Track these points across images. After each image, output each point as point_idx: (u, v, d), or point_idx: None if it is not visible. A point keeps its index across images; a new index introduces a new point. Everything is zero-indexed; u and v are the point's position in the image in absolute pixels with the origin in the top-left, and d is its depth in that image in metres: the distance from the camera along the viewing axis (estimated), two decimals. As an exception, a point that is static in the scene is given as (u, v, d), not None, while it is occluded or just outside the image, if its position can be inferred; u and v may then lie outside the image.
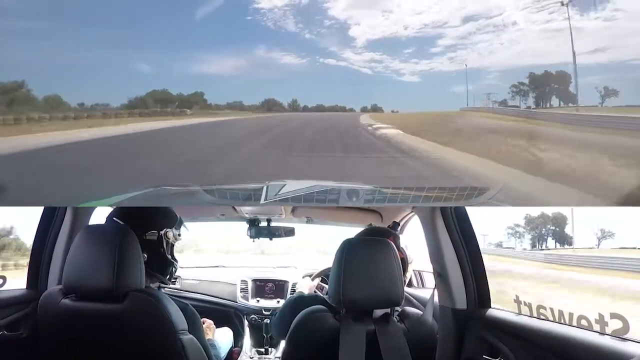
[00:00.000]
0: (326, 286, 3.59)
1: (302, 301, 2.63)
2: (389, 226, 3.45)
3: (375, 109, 27.88)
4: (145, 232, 2.44)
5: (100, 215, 2.99)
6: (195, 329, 2.34)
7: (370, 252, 2.32)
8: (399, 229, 3.60)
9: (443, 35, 27.89)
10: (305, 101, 27.87)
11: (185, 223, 2.73)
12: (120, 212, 2.46)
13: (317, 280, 3.64)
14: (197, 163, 9.26)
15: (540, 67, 26.63)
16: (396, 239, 2.79)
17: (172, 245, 2.56)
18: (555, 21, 24.24)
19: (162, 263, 2.50)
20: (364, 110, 27.77)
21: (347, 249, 2.32)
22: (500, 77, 27.42)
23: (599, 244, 7.67)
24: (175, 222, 2.58)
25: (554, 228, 9.41)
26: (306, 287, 3.37)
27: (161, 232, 2.49)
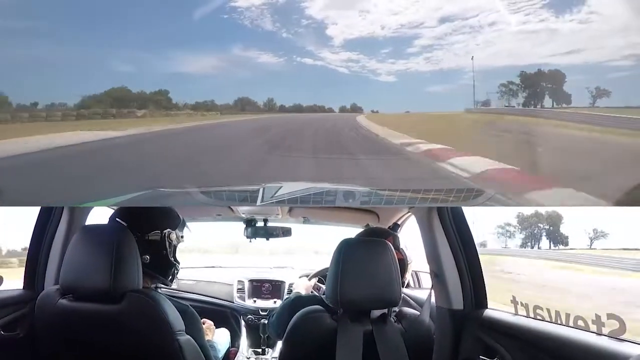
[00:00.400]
0: (323, 286, 3.59)
1: (299, 301, 2.63)
2: (389, 227, 3.46)
3: (355, 109, 27.98)
4: (148, 232, 2.44)
5: (96, 216, 3.00)
6: (195, 330, 2.34)
7: (368, 253, 2.32)
8: (399, 230, 3.62)
9: (419, 36, 28.17)
10: (282, 100, 27.80)
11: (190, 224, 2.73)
12: (123, 213, 2.46)
13: (314, 280, 3.64)
14: (195, 164, 9.27)
15: (516, 67, 27.04)
16: (395, 240, 2.80)
17: (175, 247, 2.56)
18: (531, 23, 24.65)
19: (164, 264, 2.49)
20: (343, 110, 27.82)
21: (345, 249, 2.32)
22: (476, 77, 27.74)
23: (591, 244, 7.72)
24: (178, 224, 2.58)
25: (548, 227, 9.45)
26: (303, 287, 3.37)
27: (164, 232, 2.48)
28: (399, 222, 3.76)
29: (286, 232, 4.35)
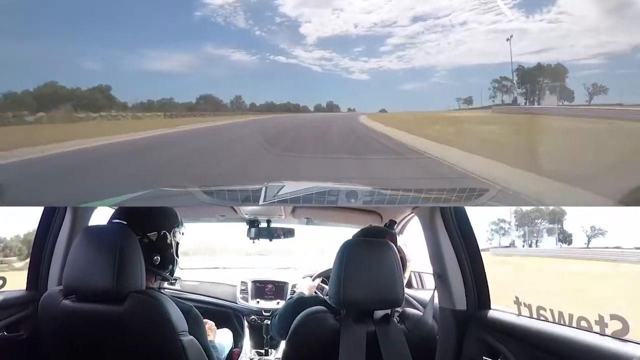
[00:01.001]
0: (326, 287, 3.59)
1: (302, 302, 2.63)
2: (385, 225, 3.44)
3: (331, 107, 27.95)
4: (155, 232, 2.45)
5: (100, 217, 3.00)
6: (199, 330, 2.34)
7: (371, 253, 2.32)
8: (396, 227, 3.60)
9: (392, 35, 28.33)
10: (255, 99, 27.64)
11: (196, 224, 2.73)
12: (125, 213, 2.46)
13: (318, 281, 3.64)
14: (197, 165, 9.28)
15: (488, 66, 27.39)
16: (393, 238, 2.79)
17: (178, 244, 2.57)
18: (501, 22, 25.09)
19: (169, 262, 2.51)
20: (318, 108, 27.77)
21: (348, 250, 2.32)
22: (447, 75, 27.99)
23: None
24: (179, 222, 2.59)
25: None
26: (306, 287, 3.37)
27: (171, 231, 2.51)
28: (399, 222, 3.75)
29: (289, 233, 4.36)
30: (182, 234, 2.61)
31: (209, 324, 3.02)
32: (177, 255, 2.57)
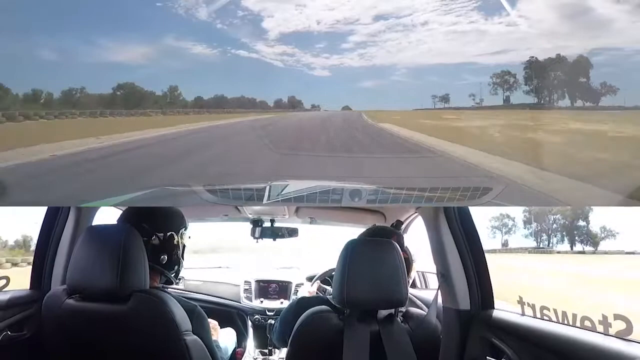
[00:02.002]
0: (328, 288, 3.59)
1: (304, 303, 2.62)
2: (392, 225, 3.44)
3: (293, 103, 28.00)
4: (165, 232, 2.46)
5: (103, 216, 3.01)
6: (203, 330, 2.34)
7: (375, 253, 2.32)
8: (402, 227, 3.60)
9: (354, 32, 28.42)
10: (216, 92, 27.39)
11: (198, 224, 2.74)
12: (135, 214, 2.48)
13: (317, 284, 3.63)
14: (199, 164, 9.27)
15: (449, 65, 27.93)
16: (400, 239, 2.78)
17: (184, 247, 2.59)
18: (461, 24, 25.82)
19: (175, 263, 2.52)
20: (279, 104, 27.83)
21: (351, 250, 2.31)
22: (407, 74, 28.29)
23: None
24: (185, 223, 2.60)
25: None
26: (306, 293, 3.36)
27: (178, 232, 2.52)
28: (403, 221, 3.75)
29: (293, 232, 4.36)
30: (189, 237, 2.63)
31: (213, 323, 3.02)
32: (183, 258, 2.59)
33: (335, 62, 28.84)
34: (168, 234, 2.47)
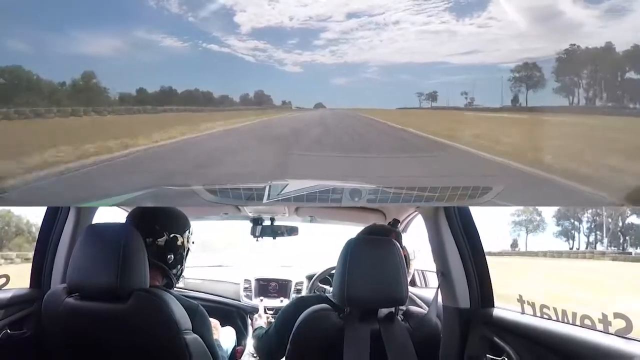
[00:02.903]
0: (327, 287, 3.59)
1: (303, 302, 2.62)
2: (389, 223, 3.44)
3: (263, 98, 27.97)
4: (169, 233, 2.48)
5: (103, 215, 3.01)
6: (205, 329, 2.34)
7: (375, 251, 2.32)
8: (400, 226, 3.59)
9: (326, 29, 28.52)
10: (186, 87, 27.14)
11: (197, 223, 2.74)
12: (140, 215, 2.49)
13: (269, 315, 3.66)
14: (200, 164, 9.26)
15: (416, 65, 28.39)
16: (398, 237, 2.78)
17: (188, 250, 2.61)
18: (433, 24, 26.29)
19: (178, 263, 2.53)
20: (245, 100, 27.75)
21: (352, 248, 2.31)
22: (378, 72, 28.50)
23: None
24: (189, 225, 2.62)
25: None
26: (263, 324, 3.39)
27: (183, 234, 2.53)
28: (402, 220, 3.74)
29: (293, 230, 4.36)
30: (193, 242, 2.63)
31: (214, 323, 3.02)
32: (185, 260, 2.60)
33: (307, 59, 28.93)
34: (170, 235, 2.48)
